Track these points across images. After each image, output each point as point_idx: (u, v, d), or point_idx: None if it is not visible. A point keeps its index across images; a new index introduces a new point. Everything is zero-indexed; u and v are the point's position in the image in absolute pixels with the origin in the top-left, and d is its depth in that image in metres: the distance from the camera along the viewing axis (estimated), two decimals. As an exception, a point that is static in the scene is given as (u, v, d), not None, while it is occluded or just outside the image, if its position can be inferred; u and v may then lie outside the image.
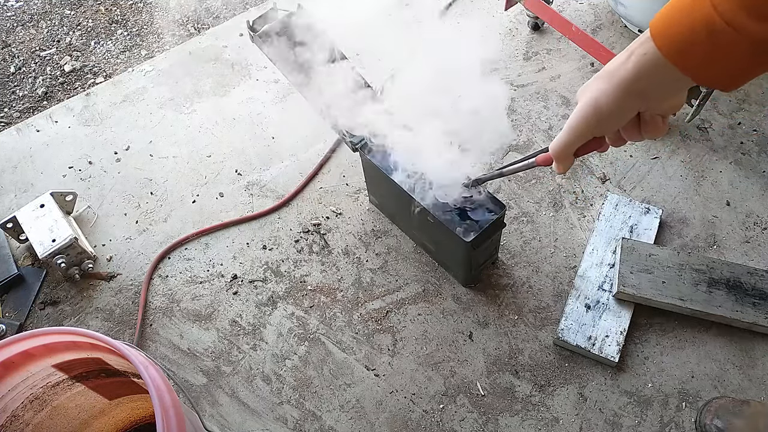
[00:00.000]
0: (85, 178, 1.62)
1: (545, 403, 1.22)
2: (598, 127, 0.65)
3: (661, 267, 1.28)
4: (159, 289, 1.42)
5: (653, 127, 0.65)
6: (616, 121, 0.64)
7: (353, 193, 1.53)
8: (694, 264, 1.28)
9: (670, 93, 0.60)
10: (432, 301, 1.35)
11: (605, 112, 0.62)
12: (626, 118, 0.63)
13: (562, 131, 0.69)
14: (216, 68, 1.81)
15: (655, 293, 1.25)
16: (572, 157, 0.71)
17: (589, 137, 0.67)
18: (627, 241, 1.31)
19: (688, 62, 0.54)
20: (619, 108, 0.62)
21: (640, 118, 0.65)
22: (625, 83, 0.60)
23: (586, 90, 0.65)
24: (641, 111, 0.63)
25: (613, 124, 0.65)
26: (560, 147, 0.70)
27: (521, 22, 1.81)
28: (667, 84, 0.58)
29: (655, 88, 0.59)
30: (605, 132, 0.66)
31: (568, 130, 0.67)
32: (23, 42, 2.00)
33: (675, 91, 0.60)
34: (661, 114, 0.64)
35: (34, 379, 0.96)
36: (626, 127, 0.66)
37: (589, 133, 0.66)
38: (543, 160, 0.81)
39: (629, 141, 0.69)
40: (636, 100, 0.61)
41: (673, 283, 1.26)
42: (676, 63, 0.55)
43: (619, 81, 0.60)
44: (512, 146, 1.56)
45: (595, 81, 0.64)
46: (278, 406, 1.25)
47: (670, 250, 1.32)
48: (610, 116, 0.63)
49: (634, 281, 1.26)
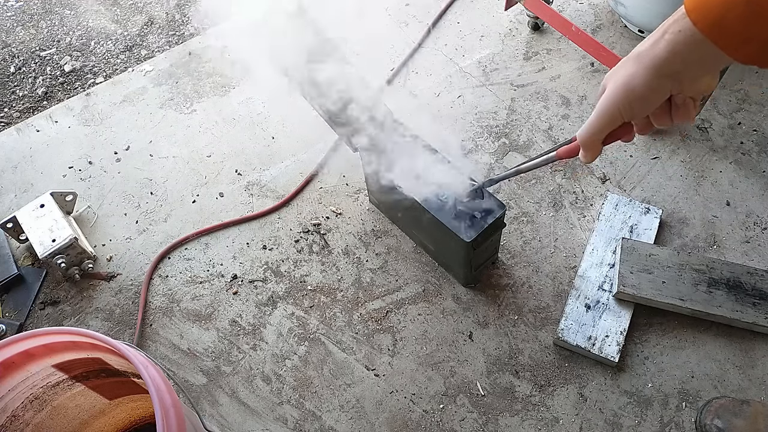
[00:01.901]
0: (85, 178, 1.62)
1: (545, 403, 1.22)
2: (629, 111, 0.63)
3: (661, 267, 1.28)
4: (159, 289, 1.42)
5: (684, 111, 0.63)
6: (649, 104, 0.62)
7: (353, 193, 1.53)
8: (694, 264, 1.28)
9: (705, 72, 0.58)
10: (432, 301, 1.35)
11: (637, 96, 0.61)
12: (658, 101, 0.62)
13: (591, 118, 0.67)
14: (216, 68, 1.81)
15: (655, 293, 1.25)
16: (600, 145, 0.69)
17: (619, 123, 0.65)
18: (627, 241, 1.31)
19: (725, 36, 0.52)
20: (652, 90, 0.60)
21: (672, 102, 0.63)
22: (659, 64, 0.58)
23: (615, 74, 0.63)
24: (673, 94, 0.61)
25: (645, 108, 0.63)
26: (589, 134, 0.68)
27: (521, 22, 1.81)
28: (702, 62, 0.56)
29: (689, 68, 0.57)
30: (636, 117, 0.64)
31: (598, 116, 0.65)
32: (23, 42, 2.00)
33: (710, 69, 0.58)
34: (693, 96, 0.62)
35: (34, 379, 0.96)
36: (656, 111, 0.64)
37: (620, 118, 0.64)
38: (566, 153, 0.78)
39: (658, 127, 0.67)
40: (669, 81, 0.59)
41: (673, 283, 1.26)
42: (712, 38, 0.53)
43: (652, 62, 0.58)
44: (512, 146, 1.56)
45: (624, 64, 0.62)
46: (278, 406, 1.25)
47: (670, 250, 1.32)
48: (642, 100, 0.61)
49: (634, 281, 1.26)
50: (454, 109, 1.65)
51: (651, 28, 1.69)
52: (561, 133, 1.57)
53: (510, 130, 1.59)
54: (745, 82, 1.63)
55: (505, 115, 1.62)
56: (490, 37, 1.79)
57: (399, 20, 1.86)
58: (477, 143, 1.58)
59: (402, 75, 1.73)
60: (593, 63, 1.69)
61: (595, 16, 1.80)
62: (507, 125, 1.60)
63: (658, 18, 1.60)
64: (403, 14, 1.87)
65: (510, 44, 1.77)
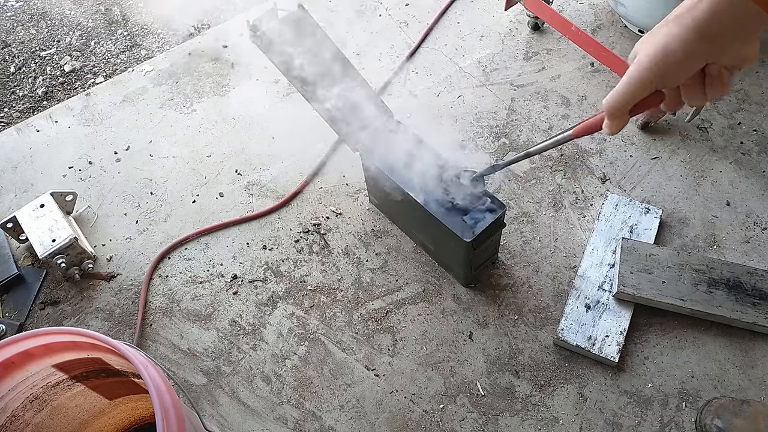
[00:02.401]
0: (85, 178, 1.62)
1: (545, 403, 1.22)
2: (663, 77, 0.61)
3: (661, 267, 1.28)
4: (159, 289, 1.42)
5: (719, 83, 0.61)
6: (684, 69, 0.60)
7: (353, 193, 1.53)
8: (694, 264, 1.28)
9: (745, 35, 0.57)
10: (432, 301, 1.35)
11: (673, 59, 0.59)
12: (694, 67, 0.60)
13: (620, 84, 0.64)
14: (216, 68, 1.81)
15: (655, 293, 1.25)
16: (628, 115, 0.67)
17: (651, 90, 0.63)
18: (627, 242, 1.31)
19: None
20: (689, 54, 0.58)
21: (706, 73, 0.61)
22: (698, 25, 0.56)
23: (650, 38, 0.61)
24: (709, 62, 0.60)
25: (680, 74, 0.61)
26: (617, 101, 0.65)
27: (521, 22, 1.81)
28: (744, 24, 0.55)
29: (730, 31, 0.56)
30: (670, 84, 0.62)
31: (629, 82, 0.63)
32: (23, 42, 2.00)
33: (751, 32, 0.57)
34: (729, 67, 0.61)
35: (34, 379, 0.96)
36: (689, 83, 0.62)
37: (652, 84, 0.62)
38: (585, 129, 0.74)
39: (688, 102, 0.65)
40: (708, 45, 0.57)
41: (673, 283, 1.26)
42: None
43: (692, 23, 0.57)
44: (512, 146, 1.56)
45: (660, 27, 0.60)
46: (278, 406, 1.25)
47: (670, 250, 1.32)
48: (678, 64, 0.59)
49: (634, 281, 1.26)
50: (454, 109, 1.65)
51: (651, 28, 1.69)
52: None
53: (510, 130, 1.59)
54: (745, 82, 1.63)
55: (505, 115, 1.62)
56: (490, 37, 1.79)
57: (399, 20, 1.86)
58: (477, 143, 1.58)
59: (402, 75, 1.73)
60: (593, 63, 1.69)
61: (595, 16, 1.80)
62: (507, 125, 1.60)
63: (658, 18, 1.60)
64: (403, 14, 1.87)
65: (510, 44, 1.77)
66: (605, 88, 1.64)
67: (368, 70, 1.75)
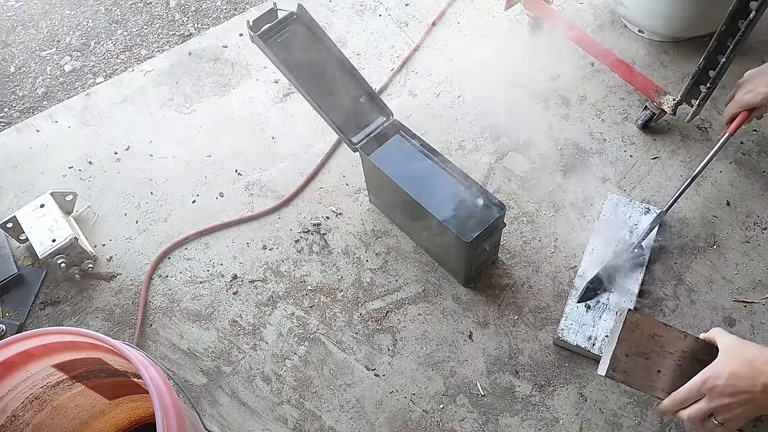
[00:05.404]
0: (85, 178, 1.62)
1: (545, 403, 1.22)
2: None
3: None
4: (159, 289, 1.42)
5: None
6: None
7: (353, 193, 1.53)
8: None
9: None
10: (432, 301, 1.35)
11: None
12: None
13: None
14: (216, 68, 1.81)
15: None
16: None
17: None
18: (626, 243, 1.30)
19: None
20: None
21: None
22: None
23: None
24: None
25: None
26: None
27: (521, 22, 1.81)
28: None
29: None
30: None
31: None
32: (23, 42, 2.00)
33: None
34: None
35: (34, 379, 0.96)
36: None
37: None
38: (736, 126, 0.75)
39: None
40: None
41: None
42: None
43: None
44: (512, 146, 1.56)
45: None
46: (278, 406, 1.25)
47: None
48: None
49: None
50: (454, 109, 1.65)
51: (651, 29, 1.69)
52: (561, 133, 1.57)
53: (510, 130, 1.59)
54: (745, 82, 1.63)
55: (505, 115, 1.62)
56: (490, 37, 1.79)
57: (399, 20, 1.86)
58: (477, 143, 1.58)
59: (402, 75, 1.73)
60: (593, 63, 1.69)
61: (595, 16, 1.80)
62: (507, 125, 1.60)
63: (658, 18, 1.60)
64: (403, 14, 1.87)
65: (510, 44, 1.77)
66: (605, 88, 1.64)
67: (368, 70, 1.75)
